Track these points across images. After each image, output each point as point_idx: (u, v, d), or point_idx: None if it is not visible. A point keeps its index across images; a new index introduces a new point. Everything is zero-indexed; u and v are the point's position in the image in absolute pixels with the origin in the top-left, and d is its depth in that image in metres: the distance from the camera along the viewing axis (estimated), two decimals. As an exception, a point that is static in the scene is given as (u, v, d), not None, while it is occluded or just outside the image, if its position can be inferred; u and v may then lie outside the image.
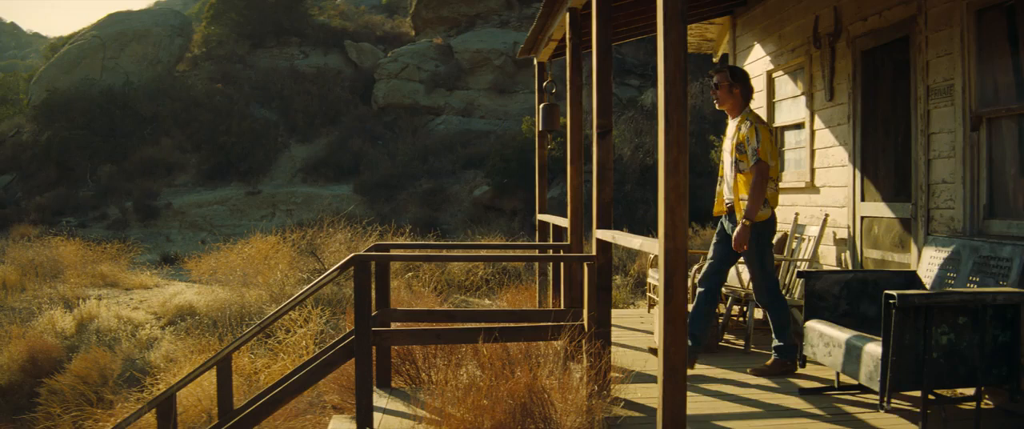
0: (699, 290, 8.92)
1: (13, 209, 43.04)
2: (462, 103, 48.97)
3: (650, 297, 13.57)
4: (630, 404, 7.52)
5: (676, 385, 5.33)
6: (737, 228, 8.63)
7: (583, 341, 7.69)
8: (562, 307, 9.32)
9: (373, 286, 8.32)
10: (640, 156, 36.04)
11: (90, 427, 13.71)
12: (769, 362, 8.90)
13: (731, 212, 8.98)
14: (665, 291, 5.29)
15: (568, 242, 9.70)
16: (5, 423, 15.87)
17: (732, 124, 8.96)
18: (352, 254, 8.18)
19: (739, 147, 8.73)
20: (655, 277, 12.92)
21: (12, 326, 19.70)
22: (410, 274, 20.15)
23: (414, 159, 43.55)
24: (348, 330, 9.00)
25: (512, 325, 8.48)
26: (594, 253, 7.66)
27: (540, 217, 12.82)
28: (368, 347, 7.51)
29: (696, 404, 7.35)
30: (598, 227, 7.66)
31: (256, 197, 42.59)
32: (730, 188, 8.95)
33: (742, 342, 10.53)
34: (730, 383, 8.61)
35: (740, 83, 8.87)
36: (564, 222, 10.56)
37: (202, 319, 18.46)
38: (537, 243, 12.28)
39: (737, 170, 8.78)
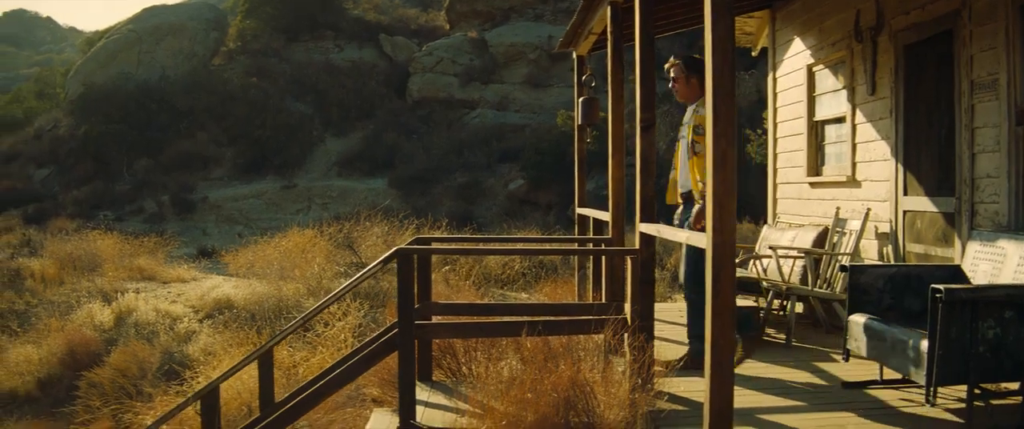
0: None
1: (50, 203, 43.29)
2: (497, 97, 48.91)
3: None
4: (673, 398, 7.49)
5: (723, 379, 5.31)
6: (695, 207, 8.66)
7: (626, 335, 7.64)
8: (603, 301, 9.26)
9: (415, 279, 8.31)
10: (670, 152, 35.85)
11: (130, 420, 13.75)
12: (687, 357, 8.76)
13: (687, 200, 8.99)
14: (713, 285, 5.26)
15: (610, 236, 9.66)
16: (44, 416, 15.94)
17: (689, 110, 9.01)
18: (395, 247, 8.17)
19: (697, 129, 8.69)
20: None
21: (51, 320, 19.83)
22: (447, 267, 20.15)
23: (449, 153, 43.55)
24: (388, 324, 9.00)
25: (555, 318, 8.45)
26: (637, 246, 7.63)
27: (579, 211, 12.80)
28: (411, 341, 7.51)
29: (741, 398, 7.29)
30: (641, 221, 7.63)
31: (291, 191, 42.71)
32: (683, 179, 9.00)
33: (783, 336, 10.47)
34: (772, 377, 8.58)
35: (696, 73, 8.91)
36: (605, 216, 10.51)
37: (240, 313, 18.49)
38: (578, 237, 12.24)
39: (694, 152, 8.73)
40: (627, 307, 7.73)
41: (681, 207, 9.07)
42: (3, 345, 19.65)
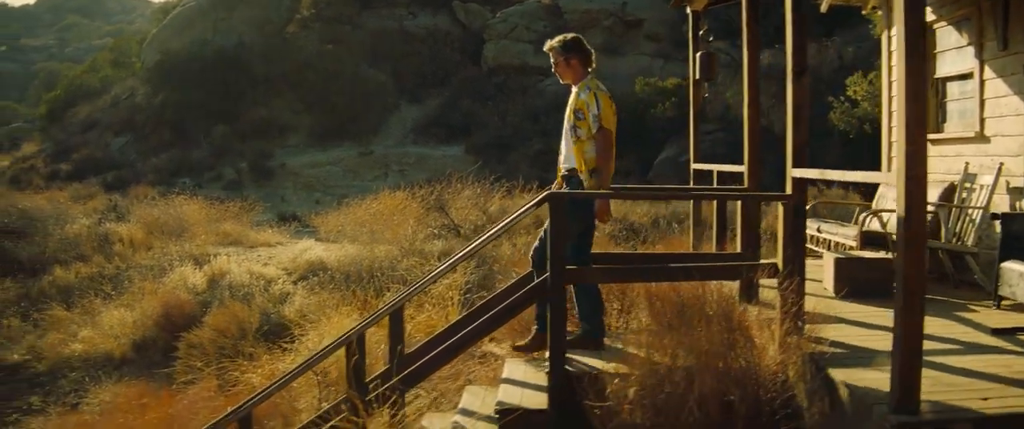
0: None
1: (129, 171, 43.66)
2: (572, 64, 48.52)
3: (809, 248, 13.22)
4: (823, 341, 7.29)
5: (913, 307, 5.24)
6: (555, 189, 8.56)
7: (758, 282, 7.48)
8: (739, 251, 9.05)
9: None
10: (755, 117, 35.38)
11: (235, 378, 13.71)
12: (578, 337, 8.37)
13: (568, 180, 8.70)
14: (906, 220, 5.14)
15: (745, 186, 9.43)
16: (141, 378, 15.90)
17: (573, 91, 8.77)
18: (546, 191, 8.01)
19: (577, 113, 8.52)
20: (814, 227, 12.59)
21: (145, 283, 19.88)
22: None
23: (525, 119, 43.34)
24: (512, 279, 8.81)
25: (707, 264, 8.24)
26: (789, 192, 7.41)
27: (697, 166, 12.52)
28: (563, 287, 7.35)
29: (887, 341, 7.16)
30: (793, 166, 7.41)
31: (368, 158, 42.77)
32: (566, 157, 8.76)
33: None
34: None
35: (573, 53, 8.79)
36: (732, 168, 10.38)
37: (333, 274, 18.44)
38: (715, 188, 11.87)
39: (575, 137, 8.54)
40: (778, 252, 7.50)
41: (563, 186, 8.73)
42: (97, 308, 19.76)
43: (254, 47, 50.19)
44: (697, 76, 12.14)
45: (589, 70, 8.80)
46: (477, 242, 8.75)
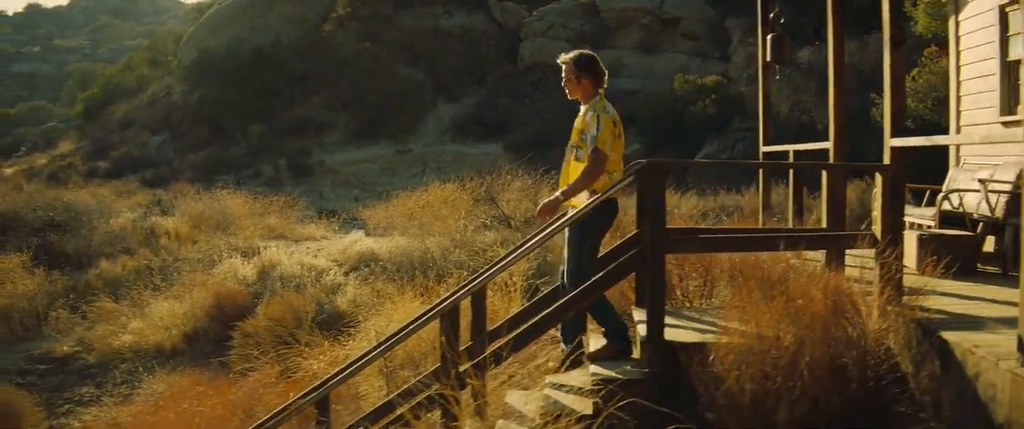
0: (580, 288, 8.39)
1: (167, 168, 43.76)
2: (608, 62, 47.74)
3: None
4: (927, 309, 7.17)
5: None
6: (548, 198, 8.48)
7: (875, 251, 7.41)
8: (824, 226, 8.94)
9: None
10: (796, 114, 35.13)
11: (296, 365, 13.67)
12: (601, 347, 8.25)
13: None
14: None
15: (830, 161, 9.31)
16: (194, 367, 15.83)
17: (581, 110, 8.66)
18: (643, 160, 7.92)
19: (581, 134, 8.45)
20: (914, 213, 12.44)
21: (195, 274, 19.88)
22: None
23: (564, 117, 43.14)
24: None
25: (809, 234, 8.14)
26: (887, 162, 7.28)
27: (767, 148, 12.37)
28: (662, 256, 7.25)
29: (990, 308, 7.11)
30: (892, 135, 7.29)
31: (406, 155, 42.76)
32: (565, 173, 8.70)
33: (995, 268, 10.04)
34: (1006, 300, 8.13)
35: (586, 72, 8.59)
36: (815, 145, 10.32)
37: (385, 265, 18.38)
38: (806, 162, 11.72)
39: (574, 156, 8.51)
40: (877, 221, 7.38)
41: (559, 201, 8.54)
42: (146, 300, 19.76)
43: (291, 45, 50.30)
44: (767, 58, 11.97)
45: (599, 91, 8.61)
46: (554, 227, 8.58)
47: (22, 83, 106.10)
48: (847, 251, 8.08)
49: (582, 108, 8.60)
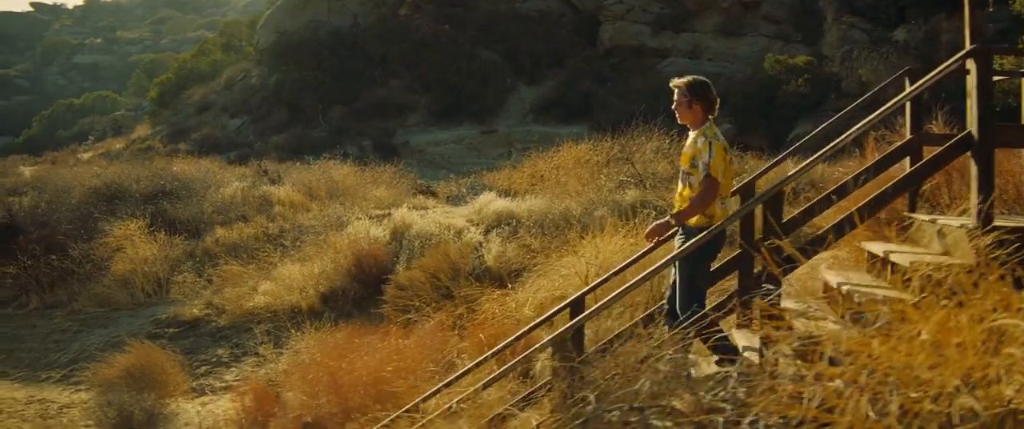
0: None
1: (248, 149, 43.59)
2: (689, 45, 48.28)
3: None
4: None
5: None
6: (658, 221, 8.63)
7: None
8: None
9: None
10: (894, 93, 34.56)
11: (461, 314, 13.51)
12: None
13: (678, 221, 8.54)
14: None
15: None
16: (336, 326, 15.51)
17: (690, 136, 8.55)
18: (972, 46, 7.48)
19: (692, 161, 8.38)
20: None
21: (324, 237, 19.73)
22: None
23: (648, 98, 42.83)
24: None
25: None
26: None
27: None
28: (992, 147, 6.84)
29: None
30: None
31: (491, 136, 42.55)
32: (677, 200, 8.65)
33: None
34: None
35: (698, 98, 8.44)
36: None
37: (525, 222, 18.12)
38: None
39: (687, 183, 8.46)
40: None
41: (679, 236, 8.61)
42: (273, 263, 19.63)
43: (369, 28, 50.16)
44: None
45: (709, 117, 8.45)
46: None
47: (85, 74, 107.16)
48: None
49: (691, 134, 8.55)
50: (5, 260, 22.58)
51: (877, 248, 8.50)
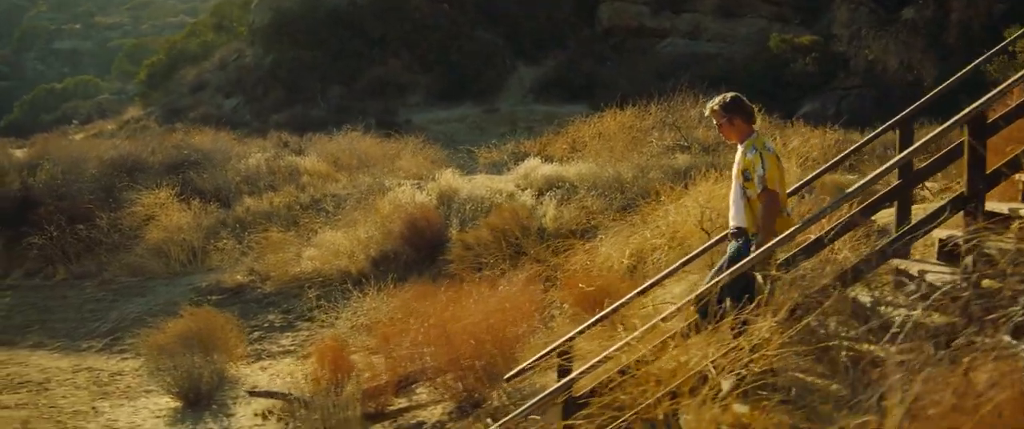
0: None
1: (248, 128, 43.26)
2: (688, 26, 48.21)
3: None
4: None
5: None
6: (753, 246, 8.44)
7: None
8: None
9: None
10: (903, 72, 34.62)
11: (539, 268, 13.53)
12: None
13: (737, 237, 8.75)
14: None
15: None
16: (392, 288, 15.28)
17: (739, 149, 8.74)
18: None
19: (745, 174, 8.54)
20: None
21: (368, 202, 19.61)
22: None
23: (651, 77, 42.72)
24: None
25: None
26: None
27: None
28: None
29: None
30: None
31: (495, 114, 42.44)
32: (735, 214, 8.77)
33: None
34: None
35: (736, 113, 8.67)
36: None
37: (577, 187, 18.00)
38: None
39: (745, 197, 8.58)
40: None
41: (732, 242, 8.79)
42: (315, 229, 19.51)
43: (367, 7, 49.76)
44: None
45: (753, 126, 8.64)
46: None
47: (64, 60, 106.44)
48: None
49: (739, 148, 8.64)
50: (28, 231, 22.41)
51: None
